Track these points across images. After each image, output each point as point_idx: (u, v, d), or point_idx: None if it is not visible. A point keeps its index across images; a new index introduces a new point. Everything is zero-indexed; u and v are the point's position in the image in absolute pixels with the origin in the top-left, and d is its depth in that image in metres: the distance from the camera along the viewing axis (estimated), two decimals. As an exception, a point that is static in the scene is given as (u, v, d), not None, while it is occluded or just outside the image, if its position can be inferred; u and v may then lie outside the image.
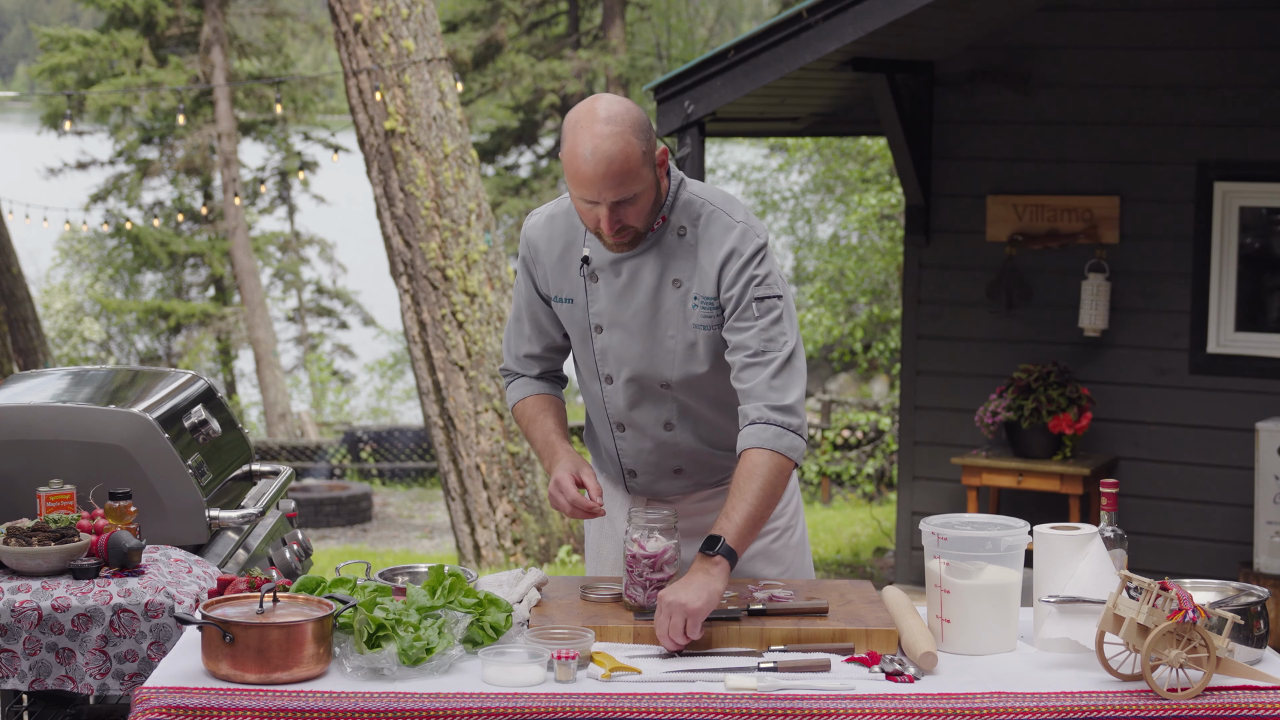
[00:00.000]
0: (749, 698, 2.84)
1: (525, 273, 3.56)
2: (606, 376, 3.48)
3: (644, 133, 3.23)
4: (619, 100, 3.25)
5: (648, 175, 3.24)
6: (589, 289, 3.44)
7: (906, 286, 8.23)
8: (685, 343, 3.39)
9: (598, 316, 3.44)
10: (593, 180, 3.19)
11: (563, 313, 3.51)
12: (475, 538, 11.44)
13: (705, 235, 3.36)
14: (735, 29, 30.62)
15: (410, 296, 11.36)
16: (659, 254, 3.37)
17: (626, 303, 3.40)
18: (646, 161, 3.23)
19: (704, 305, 3.36)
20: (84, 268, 26.19)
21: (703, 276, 3.36)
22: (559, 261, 3.48)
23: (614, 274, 3.41)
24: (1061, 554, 3.11)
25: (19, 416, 3.85)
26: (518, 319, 3.62)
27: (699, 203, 3.38)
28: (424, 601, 3.04)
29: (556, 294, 3.49)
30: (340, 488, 16.22)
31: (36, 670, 3.33)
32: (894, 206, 17.70)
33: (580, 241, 3.44)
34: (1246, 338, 7.52)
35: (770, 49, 7.01)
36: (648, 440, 3.51)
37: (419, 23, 11.35)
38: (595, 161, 3.18)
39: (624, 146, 3.19)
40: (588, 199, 3.23)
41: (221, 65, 23.23)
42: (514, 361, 3.65)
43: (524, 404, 3.61)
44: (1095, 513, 7.49)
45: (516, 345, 3.63)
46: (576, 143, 3.20)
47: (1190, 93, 7.56)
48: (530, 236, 3.53)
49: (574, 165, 3.21)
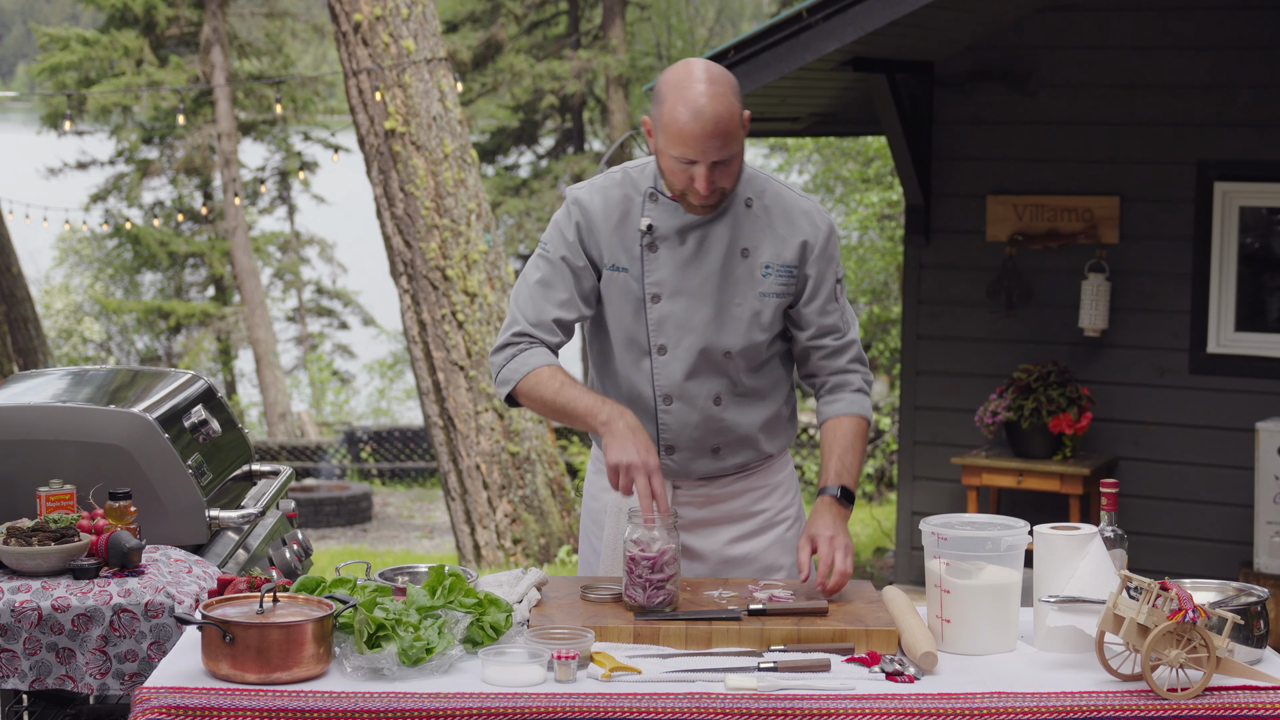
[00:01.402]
0: (749, 698, 2.84)
1: (575, 236, 3.47)
2: (660, 347, 3.47)
3: (739, 95, 3.34)
4: (715, 64, 3.34)
5: (741, 140, 3.34)
6: (646, 258, 3.44)
7: (906, 286, 8.23)
8: (751, 310, 3.46)
9: (656, 286, 3.44)
10: (698, 138, 3.26)
11: (614, 282, 3.47)
12: (475, 538, 11.44)
13: (777, 208, 3.46)
14: (735, 29, 30.62)
15: (410, 296, 11.37)
16: (728, 222, 3.43)
17: (694, 270, 3.43)
18: (742, 124, 3.33)
19: (779, 273, 3.45)
20: (84, 268, 26.19)
21: (777, 244, 3.45)
22: (615, 231, 3.46)
23: (678, 242, 3.43)
24: (1061, 554, 3.11)
25: (19, 416, 3.86)
26: (546, 283, 3.46)
27: (760, 177, 3.50)
28: (424, 601, 3.04)
29: (611, 263, 3.46)
30: (340, 488, 16.22)
31: (36, 670, 3.33)
32: (894, 206, 17.69)
33: (637, 212, 3.46)
34: (1246, 338, 7.52)
35: (770, 49, 7.01)
36: (695, 414, 3.50)
37: (419, 23, 11.35)
38: (702, 120, 3.25)
39: (728, 106, 3.28)
40: (689, 157, 3.29)
41: (221, 65, 23.23)
42: (534, 326, 3.45)
43: (544, 371, 3.40)
44: (1095, 513, 7.49)
45: (541, 309, 3.45)
46: (680, 101, 3.27)
47: (1190, 93, 7.56)
48: (585, 203, 3.47)
49: (677, 124, 3.27)
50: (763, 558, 3.62)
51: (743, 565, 3.62)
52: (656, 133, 3.33)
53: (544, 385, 3.40)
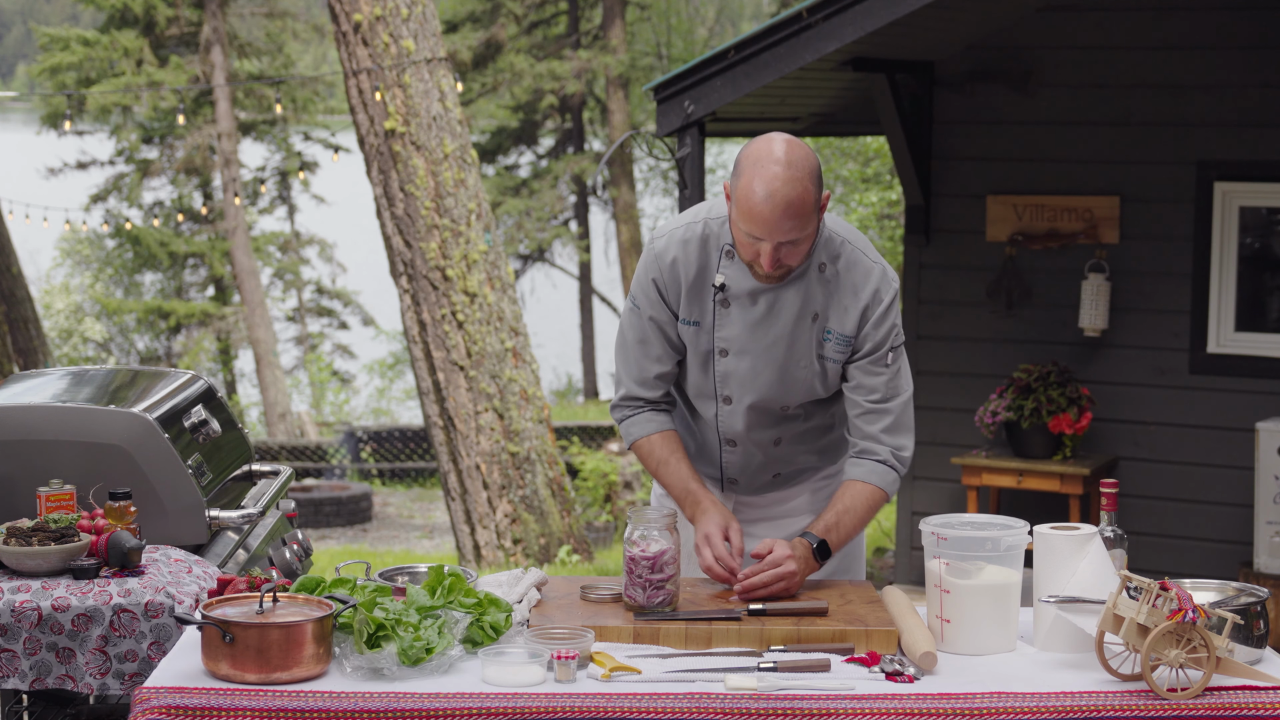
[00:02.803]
0: (749, 698, 2.84)
1: (656, 292, 3.53)
2: (725, 398, 3.55)
3: (817, 180, 3.30)
4: (798, 144, 3.30)
5: (814, 222, 3.32)
6: (718, 314, 3.49)
7: (906, 286, 8.22)
8: (813, 372, 3.50)
9: (724, 341, 3.50)
10: (767, 221, 3.26)
11: (685, 335, 3.55)
12: (475, 538, 11.44)
13: (846, 274, 3.45)
14: (735, 29, 30.61)
15: (410, 296, 11.37)
16: (801, 287, 3.44)
17: (763, 332, 3.47)
18: (816, 209, 3.31)
19: (837, 341, 3.47)
20: (84, 268, 26.18)
21: (840, 313, 3.45)
22: (691, 286, 3.50)
23: (750, 302, 3.46)
24: (1061, 554, 3.11)
25: (19, 416, 3.85)
26: (644, 340, 3.57)
27: (838, 240, 3.46)
28: (424, 601, 3.04)
29: (684, 316, 3.53)
30: (340, 488, 16.22)
31: (36, 670, 3.33)
32: (894, 206, 17.69)
33: (713, 267, 3.48)
34: (1246, 338, 7.52)
35: (770, 49, 7.01)
36: (757, 455, 3.63)
37: (419, 23, 11.35)
38: (773, 204, 3.24)
39: (801, 192, 3.26)
40: (755, 235, 3.30)
41: (221, 65, 23.23)
42: (639, 386, 3.60)
43: (650, 442, 3.60)
44: (1095, 513, 7.49)
45: (643, 368, 3.59)
46: (754, 179, 3.26)
47: (1190, 93, 7.56)
48: (669, 256, 3.50)
49: (749, 202, 3.26)
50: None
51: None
52: (732, 202, 3.34)
53: (650, 458, 3.62)
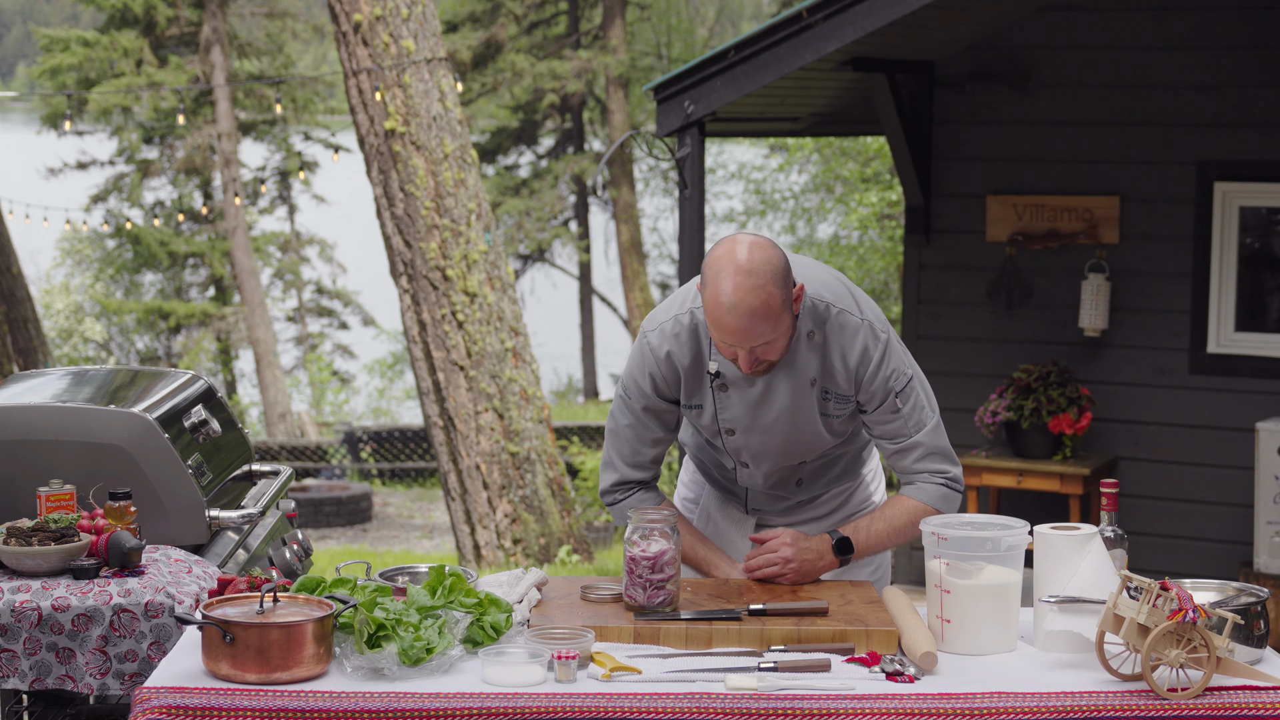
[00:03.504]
0: (749, 698, 2.84)
1: (652, 386, 3.54)
2: (741, 461, 3.61)
3: (783, 280, 3.28)
4: (762, 245, 3.28)
5: (786, 319, 3.31)
6: (718, 399, 3.52)
7: (906, 286, 8.22)
8: (819, 431, 3.52)
9: (729, 422, 3.53)
10: (734, 330, 3.26)
11: (690, 416, 3.59)
12: (475, 538, 11.44)
13: (835, 337, 3.45)
14: (735, 29, 30.61)
15: (410, 296, 11.36)
16: (791, 360, 3.45)
17: (764, 410, 3.50)
18: (785, 307, 3.29)
19: (837, 399, 3.49)
20: (84, 268, 26.17)
21: (832, 373, 3.47)
22: (688, 376, 3.52)
23: (746, 384, 3.49)
24: (1062, 554, 3.11)
25: (19, 416, 3.85)
26: (636, 426, 3.59)
27: (822, 305, 3.44)
28: (424, 601, 3.04)
29: (686, 402, 3.55)
30: (340, 488, 16.22)
31: (36, 670, 3.33)
32: (894, 206, 17.69)
33: (706, 355, 3.50)
34: (1246, 338, 7.52)
35: (770, 49, 7.01)
36: (778, 499, 3.71)
37: (419, 23, 11.35)
38: (738, 314, 3.24)
39: (765, 299, 3.24)
40: (727, 343, 3.31)
41: (221, 65, 23.23)
42: (633, 469, 3.63)
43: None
44: (1095, 513, 7.49)
45: (637, 451, 3.62)
46: (719, 291, 3.25)
47: (1190, 93, 7.56)
48: (664, 350, 3.50)
49: (716, 313, 3.27)
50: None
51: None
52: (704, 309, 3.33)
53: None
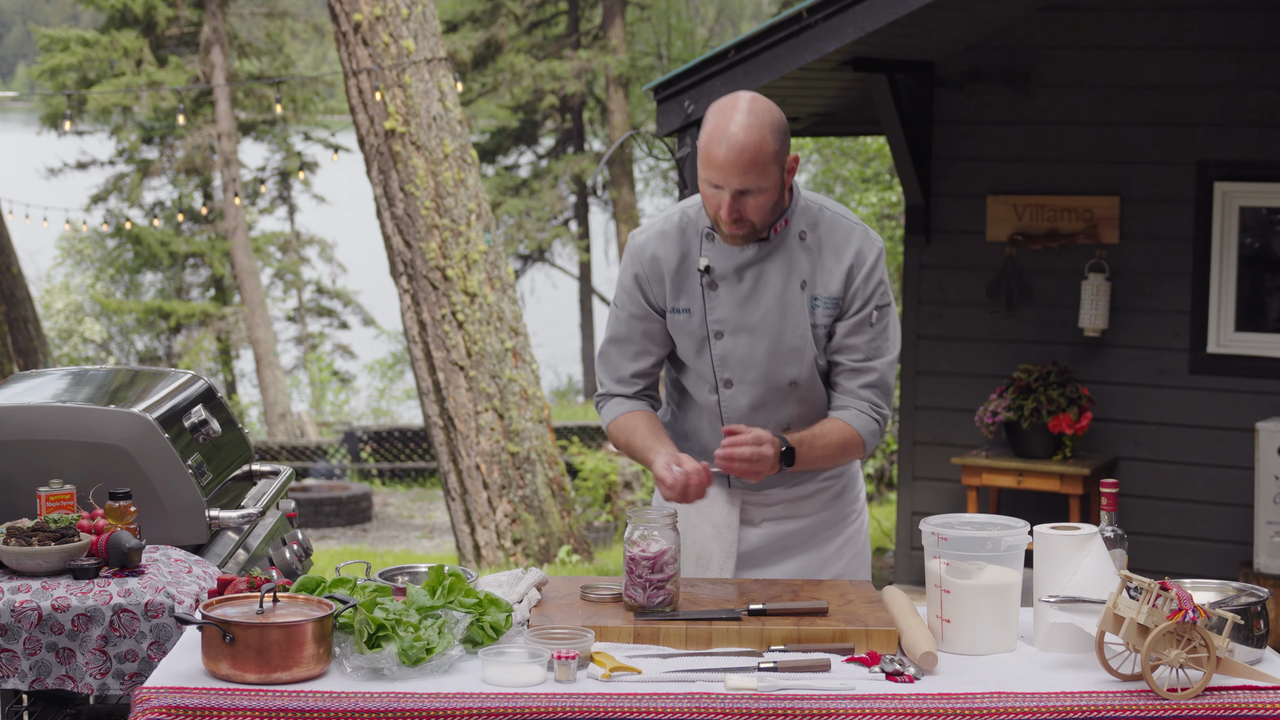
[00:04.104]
0: (749, 698, 2.84)
1: (636, 288, 3.58)
2: (725, 381, 3.56)
3: (779, 133, 3.36)
4: (764, 99, 3.39)
5: (774, 174, 3.36)
6: (708, 298, 3.52)
7: (906, 286, 8.22)
8: (807, 341, 3.50)
9: (718, 324, 3.52)
10: (722, 164, 3.32)
11: (677, 323, 3.57)
12: (475, 538, 11.44)
13: (828, 237, 3.49)
14: (735, 29, 30.62)
15: (410, 296, 11.37)
16: (783, 257, 3.48)
17: (753, 307, 3.49)
18: (776, 161, 3.36)
19: (825, 305, 3.50)
20: (84, 268, 26.19)
21: (826, 277, 3.49)
22: (675, 274, 3.54)
23: (736, 279, 3.49)
24: (1061, 554, 3.11)
25: (19, 416, 3.85)
26: (620, 339, 3.63)
27: (815, 207, 3.51)
28: (424, 601, 3.04)
29: (673, 305, 3.55)
30: (340, 488, 16.22)
31: (36, 670, 3.33)
32: (894, 206, 17.69)
33: (696, 253, 3.52)
34: (1246, 338, 7.52)
35: (770, 49, 7.01)
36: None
37: (419, 23, 11.35)
38: (729, 147, 3.31)
39: (758, 139, 3.32)
40: (714, 182, 3.35)
41: (221, 65, 23.23)
42: (615, 384, 3.67)
43: (621, 420, 3.65)
44: (1095, 513, 7.49)
45: (619, 367, 3.65)
46: (715, 127, 3.34)
47: (1190, 93, 7.56)
48: (648, 250, 3.56)
49: (708, 148, 3.34)
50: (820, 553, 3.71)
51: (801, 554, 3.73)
52: (699, 154, 3.40)
53: (620, 434, 3.65)
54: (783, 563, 3.70)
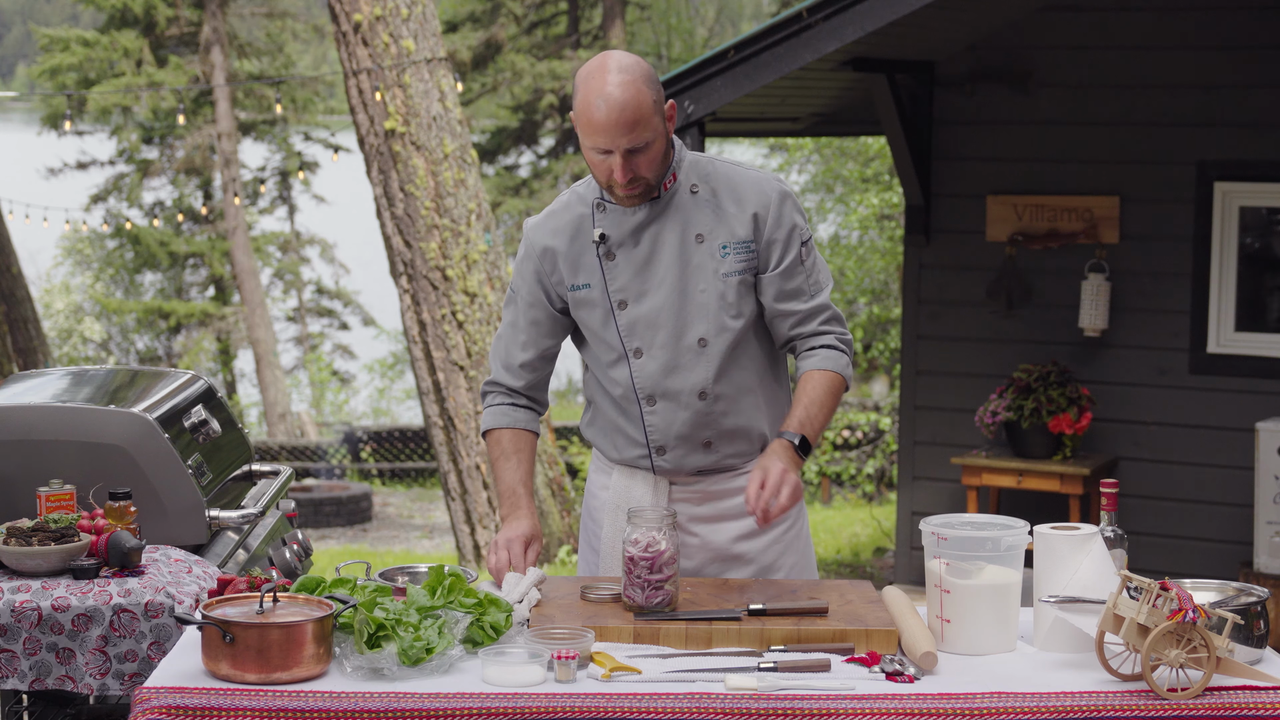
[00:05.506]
0: (749, 698, 2.84)
1: (530, 273, 3.59)
2: (635, 350, 3.51)
3: (653, 83, 3.37)
4: (628, 54, 3.38)
5: (658, 124, 3.36)
6: (606, 268, 3.50)
7: (906, 286, 8.23)
8: (716, 294, 3.47)
9: (620, 292, 3.50)
10: (606, 126, 3.30)
11: (579, 300, 3.54)
12: (475, 538, 11.44)
13: (724, 188, 3.48)
14: (735, 29, 30.62)
15: (410, 296, 11.36)
16: (676, 213, 3.47)
17: (653, 269, 3.48)
18: (657, 110, 3.36)
19: (736, 250, 3.47)
20: (84, 268, 26.19)
21: (730, 222, 3.47)
22: (569, 251, 3.53)
23: (633, 244, 3.48)
24: (1061, 554, 3.11)
25: (19, 416, 3.85)
26: (513, 326, 3.64)
27: (704, 161, 3.52)
28: (424, 601, 3.04)
29: (572, 283, 3.53)
30: (340, 488, 16.22)
31: (36, 670, 3.33)
32: (894, 206, 17.69)
33: (589, 225, 3.51)
34: (1246, 338, 7.52)
35: (770, 49, 7.01)
36: (681, 410, 3.51)
37: (419, 23, 11.35)
38: (609, 108, 3.30)
39: (635, 94, 3.31)
40: (601, 147, 3.34)
41: (221, 65, 23.23)
42: (505, 372, 3.64)
43: (500, 435, 3.62)
44: (1095, 513, 7.49)
45: (509, 354, 3.64)
46: (589, 92, 3.33)
47: (1190, 93, 7.56)
48: (537, 234, 3.58)
49: (587, 114, 3.32)
50: (761, 557, 3.62)
51: (742, 563, 3.62)
52: (577, 126, 3.38)
53: (494, 449, 3.64)
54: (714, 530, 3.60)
